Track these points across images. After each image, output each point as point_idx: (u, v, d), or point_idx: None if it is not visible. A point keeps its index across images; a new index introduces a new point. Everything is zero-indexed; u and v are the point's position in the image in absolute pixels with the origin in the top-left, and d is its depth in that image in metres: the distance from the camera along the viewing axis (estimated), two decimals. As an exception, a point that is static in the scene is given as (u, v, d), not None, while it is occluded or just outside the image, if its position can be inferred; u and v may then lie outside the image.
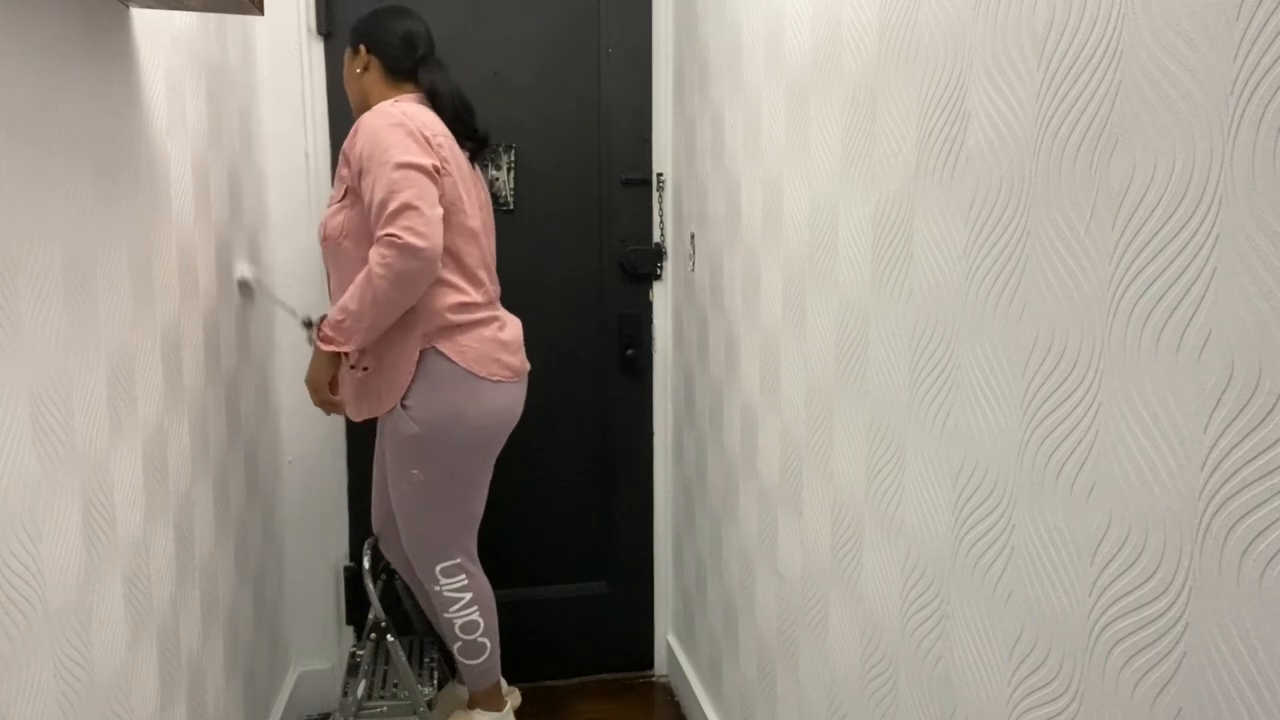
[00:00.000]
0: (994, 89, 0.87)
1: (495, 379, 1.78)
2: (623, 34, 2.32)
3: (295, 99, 2.14)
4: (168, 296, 1.37)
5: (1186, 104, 0.64)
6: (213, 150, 1.67)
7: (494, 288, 1.87)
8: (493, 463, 1.89)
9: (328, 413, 1.83)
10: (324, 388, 1.79)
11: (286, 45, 2.13)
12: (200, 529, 1.52)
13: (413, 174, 1.61)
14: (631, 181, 2.37)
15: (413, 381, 1.74)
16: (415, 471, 1.79)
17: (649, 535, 2.51)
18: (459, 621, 1.88)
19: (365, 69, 1.84)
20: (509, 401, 1.83)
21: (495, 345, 1.79)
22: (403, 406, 1.75)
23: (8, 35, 0.88)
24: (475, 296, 1.78)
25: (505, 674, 2.18)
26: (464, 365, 1.75)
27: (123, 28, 1.21)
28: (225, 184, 1.75)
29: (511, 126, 2.29)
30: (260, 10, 1.26)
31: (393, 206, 1.59)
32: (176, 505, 1.39)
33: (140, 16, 1.27)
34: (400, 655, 1.96)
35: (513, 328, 1.87)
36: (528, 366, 1.90)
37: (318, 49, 2.18)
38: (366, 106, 1.84)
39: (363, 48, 1.84)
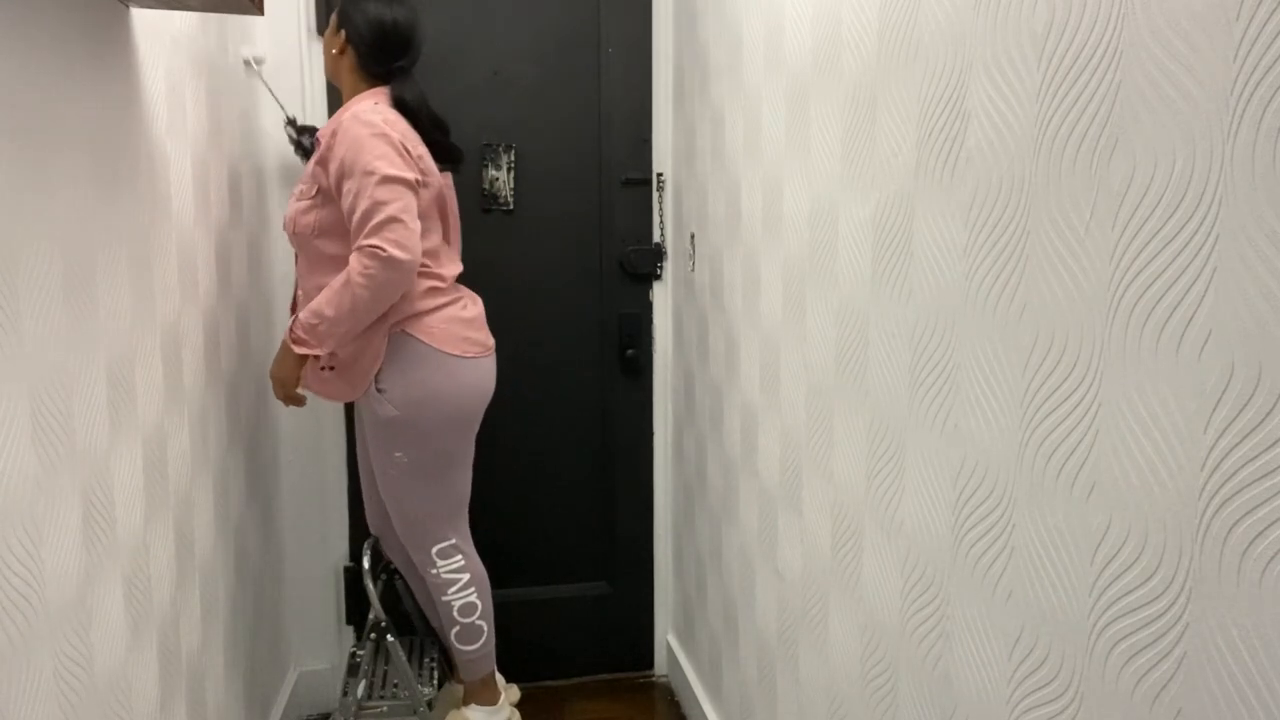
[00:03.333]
0: (994, 89, 0.87)
1: (468, 355, 1.82)
2: (623, 34, 2.32)
3: (295, 99, 2.14)
4: (168, 296, 1.37)
5: (1186, 104, 0.64)
6: (213, 150, 1.66)
7: (455, 272, 1.90)
8: (473, 440, 1.91)
9: (286, 405, 1.86)
10: (290, 384, 1.80)
11: (286, 45, 2.13)
12: (200, 529, 1.52)
13: (397, 187, 1.64)
14: (631, 181, 2.37)
15: (385, 364, 1.76)
16: (398, 454, 1.81)
17: (649, 535, 2.50)
18: (457, 604, 1.89)
19: (340, 53, 1.82)
20: (482, 376, 1.86)
21: (461, 323, 1.83)
22: (378, 390, 1.77)
23: (8, 35, 0.88)
24: (442, 284, 1.82)
25: (505, 674, 2.18)
26: (435, 345, 1.77)
27: (123, 28, 1.21)
28: (225, 184, 1.75)
29: (511, 126, 2.29)
30: (260, 10, 1.26)
31: (377, 219, 1.62)
32: (176, 505, 1.39)
33: (140, 16, 1.27)
34: (400, 655, 1.96)
35: (474, 306, 1.91)
36: (493, 342, 1.93)
37: (318, 49, 2.17)
38: (338, 82, 1.87)
39: (343, 33, 1.81)
